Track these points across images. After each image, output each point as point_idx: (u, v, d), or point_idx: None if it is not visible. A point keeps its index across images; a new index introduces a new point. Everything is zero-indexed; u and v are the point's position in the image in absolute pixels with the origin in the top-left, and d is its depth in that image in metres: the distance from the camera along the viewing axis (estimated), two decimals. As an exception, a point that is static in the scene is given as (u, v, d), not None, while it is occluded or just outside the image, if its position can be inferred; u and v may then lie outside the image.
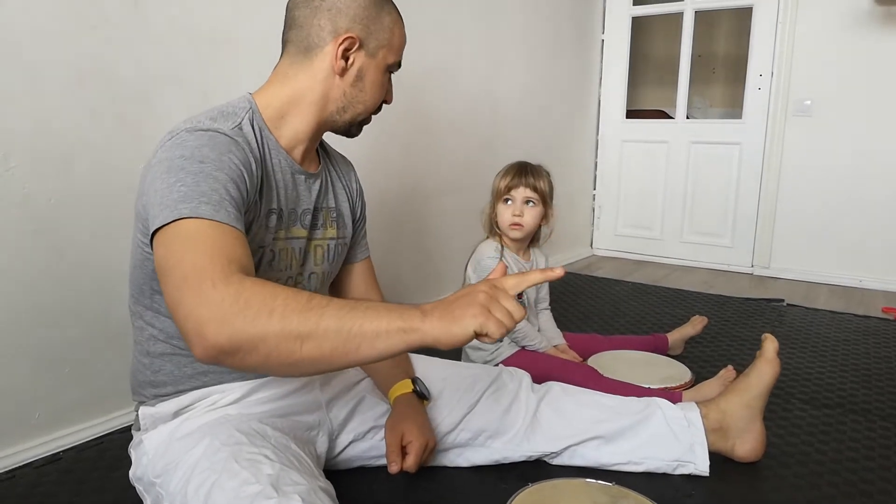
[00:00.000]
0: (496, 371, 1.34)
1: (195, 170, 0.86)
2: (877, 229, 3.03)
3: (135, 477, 1.03)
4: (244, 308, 0.72)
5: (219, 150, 0.90)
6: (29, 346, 1.32)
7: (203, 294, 0.74)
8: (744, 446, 1.29)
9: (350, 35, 1.02)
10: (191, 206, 0.82)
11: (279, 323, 0.72)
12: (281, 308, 0.73)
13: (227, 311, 0.72)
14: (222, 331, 0.72)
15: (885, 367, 1.93)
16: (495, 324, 0.74)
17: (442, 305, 0.76)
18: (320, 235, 1.14)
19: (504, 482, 1.21)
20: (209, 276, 0.75)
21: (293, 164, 1.06)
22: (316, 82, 1.04)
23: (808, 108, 3.12)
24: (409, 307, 0.76)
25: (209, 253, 0.79)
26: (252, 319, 0.72)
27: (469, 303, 0.75)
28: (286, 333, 0.72)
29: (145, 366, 1.04)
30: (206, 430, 0.95)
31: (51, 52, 1.30)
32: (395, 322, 0.74)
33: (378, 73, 1.07)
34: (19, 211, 1.28)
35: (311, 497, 0.83)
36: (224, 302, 0.73)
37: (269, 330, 0.72)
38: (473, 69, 2.65)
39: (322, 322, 0.73)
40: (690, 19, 3.41)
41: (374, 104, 1.10)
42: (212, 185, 0.85)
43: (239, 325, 0.72)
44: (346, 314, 0.74)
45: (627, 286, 3.00)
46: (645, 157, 3.65)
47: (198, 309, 0.73)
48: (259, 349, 0.73)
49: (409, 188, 2.37)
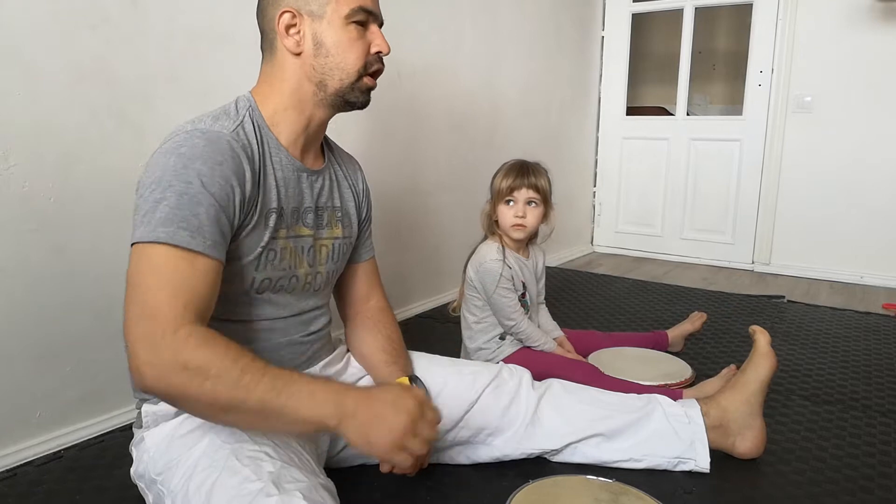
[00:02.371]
0: (496, 368, 1.33)
1: (181, 189, 0.89)
2: (878, 226, 3.03)
3: (136, 474, 1.03)
4: (181, 369, 0.81)
5: (211, 163, 0.91)
6: (29, 345, 1.32)
7: (151, 339, 0.82)
8: (744, 443, 1.29)
9: (285, 9, 1.01)
10: (168, 231, 0.86)
11: (209, 393, 0.81)
12: (213, 380, 0.81)
13: (166, 366, 0.81)
14: (158, 381, 0.81)
15: (885, 364, 1.93)
16: (404, 459, 0.86)
17: (365, 413, 0.85)
18: (326, 234, 1.14)
19: (505, 479, 1.21)
20: (160, 324, 0.83)
21: (294, 162, 1.06)
22: (287, 73, 1.04)
23: (808, 105, 3.12)
24: (334, 396, 0.86)
25: (170, 292, 0.85)
26: (186, 381, 0.81)
27: (390, 430, 0.85)
28: (212, 403, 0.82)
29: None
30: (207, 429, 0.95)
31: (50, 51, 1.30)
32: (316, 414, 0.84)
33: (336, 30, 1.02)
34: (19, 209, 1.28)
35: (312, 494, 0.83)
36: (164, 356, 0.81)
37: (199, 395, 0.81)
38: (473, 66, 2.65)
39: (248, 401, 0.82)
40: (690, 16, 3.41)
41: (352, 64, 1.03)
42: (194, 209, 0.89)
43: (173, 381, 0.81)
44: (273, 397, 0.82)
45: (628, 283, 3.00)
46: (645, 153, 3.65)
47: (143, 350, 0.82)
48: (185, 405, 0.86)
49: (408, 185, 2.37)
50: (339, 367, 1.23)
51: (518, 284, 1.67)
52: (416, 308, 2.44)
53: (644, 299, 2.68)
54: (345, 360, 1.26)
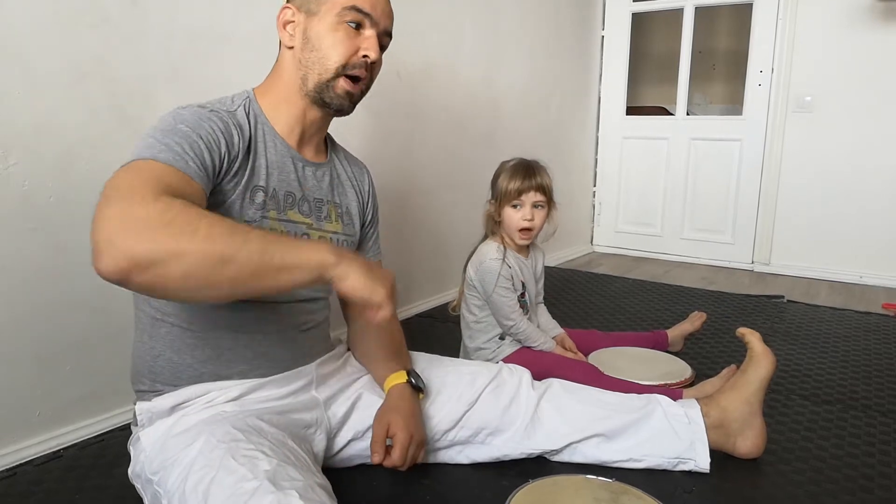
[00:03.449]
0: (496, 368, 1.33)
1: (168, 128, 0.91)
2: (877, 225, 3.03)
3: (133, 474, 1.03)
4: (168, 224, 0.73)
5: (198, 117, 0.95)
6: (29, 344, 1.32)
7: (129, 207, 0.74)
8: (745, 443, 1.29)
9: (286, 6, 1.08)
10: (151, 151, 0.86)
11: (203, 242, 0.74)
12: (206, 229, 0.75)
13: (150, 225, 0.72)
14: (140, 242, 0.71)
15: (885, 364, 1.93)
16: (391, 304, 0.86)
17: (360, 259, 0.86)
18: (326, 227, 1.15)
19: (504, 479, 1.21)
20: (139, 192, 0.76)
21: (290, 149, 1.10)
22: (282, 67, 1.10)
23: (808, 105, 3.12)
24: (327, 244, 0.86)
25: (147, 178, 0.80)
26: (174, 235, 0.73)
27: (384, 272, 0.87)
28: (209, 253, 0.74)
29: (145, 350, 1.05)
30: (202, 427, 0.96)
31: (50, 50, 1.30)
32: (316, 257, 0.81)
33: (325, 27, 1.04)
34: (19, 208, 1.28)
35: (308, 493, 0.83)
36: (149, 217, 0.73)
37: (191, 248, 0.73)
38: (473, 65, 2.65)
39: (246, 246, 0.76)
40: (691, 15, 3.41)
41: (334, 60, 1.04)
42: (177, 139, 0.90)
43: (160, 238, 0.72)
44: (271, 243, 0.79)
45: (627, 283, 3.00)
46: (645, 153, 3.65)
47: (118, 220, 0.72)
48: (176, 265, 0.72)
49: (408, 184, 2.37)
50: (336, 365, 1.23)
51: (517, 284, 1.67)
52: (417, 307, 2.44)
53: (644, 299, 2.68)
54: (343, 359, 1.27)
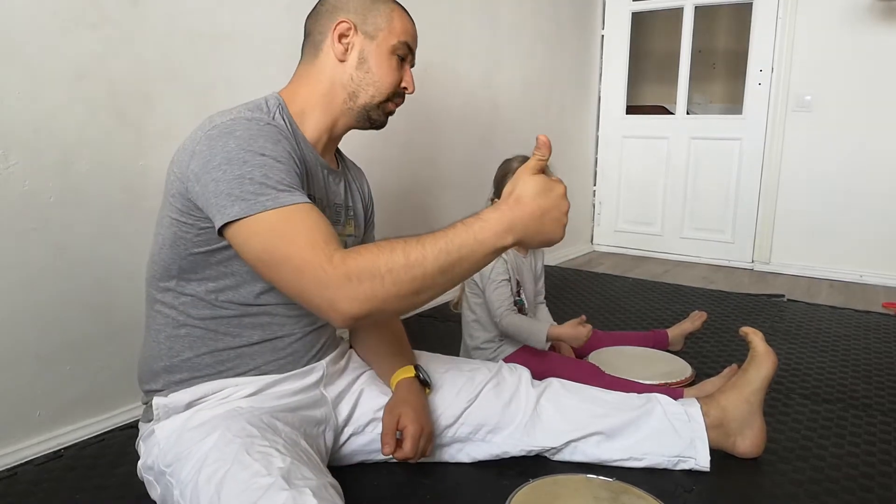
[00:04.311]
0: (496, 366, 1.34)
1: (259, 162, 0.90)
2: (877, 224, 3.03)
3: (144, 466, 1.04)
4: (357, 283, 0.82)
5: (272, 139, 0.95)
6: (30, 344, 1.32)
7: (321, 280, 0.83)
8: (744, 442, 1.29)
9: (344, 20, 1.09)
10: (270, 196, 0.88)
11: (393, 285, 0.82)
12: (386, 273, 0.82)
13: (345, 290, 0.82)
14: (352, 304, 0.82)
15: (885, 363, 1.93)
16: None
17: (527, 219, 0.86)
18: (342, 231, 1.18)
19: (505, 478, 1.22)
20: (318, 263, 0.83)
21: (320, 159, 1.12)
22: (324, 75, 1.11)
23: (808, 104, 3.12)
24: (493, 225, 0.85)
25: (307, 240, 0.86)
26: (369, 288, 0.82)
27: (558, 220, 0.88)
28: (400, 293, 0.83)
29: (162, 351, 1.05)
30: (217, 422, 0.96)
31: (50, 50, 1.30)
32: (492, 245, 0.85)
33: (382, 55, 1.10)
34: (19, 208, 1.28)
35: (321, 492, 0.84)
36: (341, 281, 0.82)
37: (386, 292, 0.82)
38: (473, 64, 2.65)
39: (427, 270, 0.83)
40: (690, 14, 3.40)
41: (386, 86, 1.11)
42: (279, 176, 0.90)
43: (361, 295, 0.82)
44: (445, 257, 0.84)
45: (628, 282, 3.00)
46: (645, 152, 3.65)
47: (324, 292, 0.83)
48: (385, 307, 0.84)
49: (408, 184, 2.37)
50: (342, 364, 1.24)
51: (513, 281, 1.67)
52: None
53: (644, 298, 2.68)
54: (346, 357, 1.27)
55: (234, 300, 1.03)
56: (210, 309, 1.03)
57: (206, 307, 1.03)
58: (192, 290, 1.02)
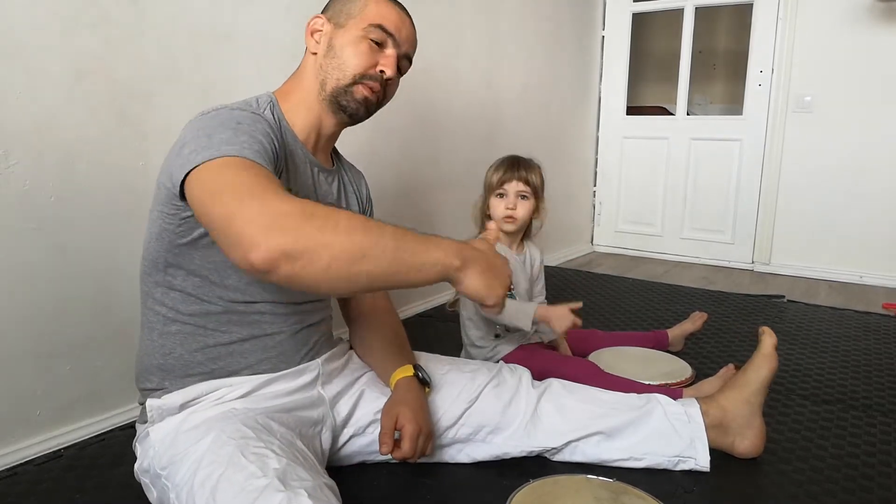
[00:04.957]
0: (496, 367, 1.34)
1: (233, 127, 0.91)
2: (877, 225, 3.03)
3: (140, 469, 1.03)
4: (310, 217, 0.76)
5: (251, 120, 0.96)
6: (30, 344, 1.32)
7: (268, 203, 0.77)
8: (744, 442, 1.29)
9: (318, 16, 1.13)
10: (234, 148, 0.87)
11: (344, 235, 0.77)
12: (345, 222, 0.78)
13: (296, 218, 0.76)
14: (287, 234, 0.74)
15: (885, 363, 1.93)
16: None
17: (480, 261, 0.87)
18: None
19: (505, 479, 1.21)
20: (272, 190, 0.80)
21: (308, 155, 1.12)
22: (305, 71, 1.14)
23: (808, 105, 3.12)
24: (452, 243, 0.86)
25: (259, 173, 0.83)
26: (319, 228, 0.76)
27: (502, 279, 0.89)
28: (350, 247, 0.77)
29: (155, 348, 1.05)
30: (212, 424, 0.96)
31: (50, 50, 1.30)
32: (443, 257, 0.84)
33: (350, 38, 1.09)
34: (20, 208, 1.28)
35: (317, 493, 0.83)
36: (292, 211, 0.77)
37: (335, 240, 0.76)
38: (473, 65, 2.65)
39: (382, 241, 0.79)
40: (691, 15, 3.41)
41: (350, 67, 1.09)
42: (249, 140, 0.90)
43: (307, 230, 0.75)
44: (402, 238, 0.81)
45: (628, 282, 3.00)
46: (645, 153, 3.65)
47: (262, 216, 0.76)
48: (322, 257, 0.75)
49: (407, 184, 2.37)
50: (340, 363, 1.24)
51: None
52: (416, 307, 2.44)
53: (644, 299, 2.69)
54: (346, 357, 1.27)
55: (222, 296, 1.03)
56: (198, 304, 1.03)
57: (194, 302, 1.03)
58: (180, 284, 1.03)
